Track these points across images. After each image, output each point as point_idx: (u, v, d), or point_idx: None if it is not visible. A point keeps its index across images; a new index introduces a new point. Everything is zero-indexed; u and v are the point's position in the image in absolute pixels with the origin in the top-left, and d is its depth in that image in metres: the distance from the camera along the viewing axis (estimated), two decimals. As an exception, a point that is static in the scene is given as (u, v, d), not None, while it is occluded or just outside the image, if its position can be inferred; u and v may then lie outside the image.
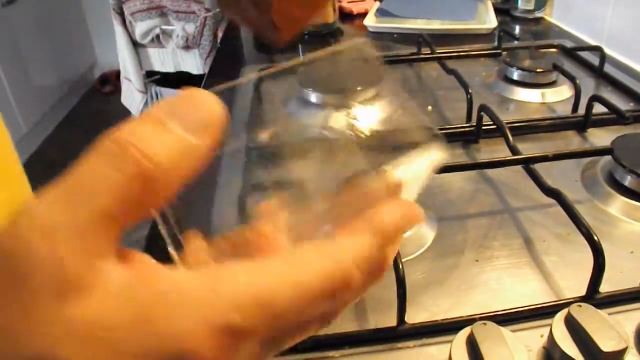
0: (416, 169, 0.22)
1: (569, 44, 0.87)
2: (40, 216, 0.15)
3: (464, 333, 0.34)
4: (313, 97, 0.71)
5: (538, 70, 0.74)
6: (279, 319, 0.17)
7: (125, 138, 0.16)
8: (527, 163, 0.51)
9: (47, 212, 0.15)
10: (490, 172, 0.56)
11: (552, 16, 1.08)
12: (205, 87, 0.19)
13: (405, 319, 0.37)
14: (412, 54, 0.86)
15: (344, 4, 1.16)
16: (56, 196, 0.15)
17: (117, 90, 2.03)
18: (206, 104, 0.18)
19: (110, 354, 0.15)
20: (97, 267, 0.15)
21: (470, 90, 0.65)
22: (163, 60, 1.64)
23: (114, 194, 0.15)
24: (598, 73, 0.77)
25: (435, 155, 0.23)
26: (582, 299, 0.38)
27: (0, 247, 0.15)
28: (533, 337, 0.36)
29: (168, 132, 0.17)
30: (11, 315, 0.15)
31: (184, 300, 0.16)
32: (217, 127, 0.18)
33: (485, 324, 0.33)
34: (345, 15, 1.15)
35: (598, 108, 0.62)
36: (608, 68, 0.77)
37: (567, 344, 0.32)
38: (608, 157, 0.53)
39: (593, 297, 0.38)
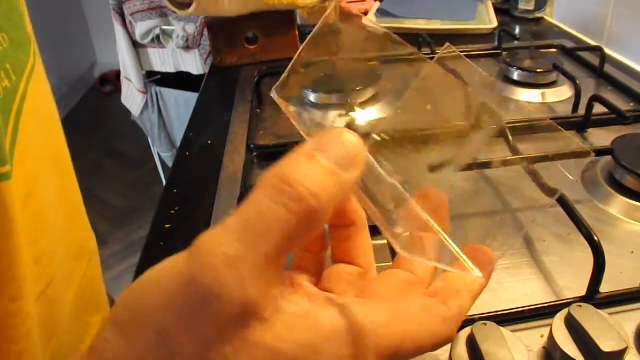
0: None
1: (569, 44, 0.87)
2: (222, 248, 0.17)
3: (464, 333, 0.34)
4: (313, 97, 0.71)
5: (538, 70, 0.74)
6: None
7: (290, 175, 0.17)
8: (527, 163, 0.51)
9: (228, 244, 0.17)
10: (490, 172, 0.56)
11: (552, 16, 1.08)
12: (205, 88, 0.19)
13: (405, 319, 0.37)
14: (412, 54, 0.86)
15: (344, 4, 1.16)
16: (234, 230, 0.17)
17: (117, 90, 2.03)
18: (349, 140, 0.19)
19: None
20: (274, 296, 0.18)
21: (469, 90, 0.65)
22: (163, 60, 1.64)
23: (284, 231, 0.17)
24: (598, 73, 0.77)
25: None
26: (582, 299, 0.38)
27: (187, 270, 0.17)
28: (533, 337, 0.36)
29: (323, 168, 0.18)
30: (198, 336, 0.17)
31: (342, 335, 0.19)
32: (361, 161, 0.19)
33: (485, 324, 0.33)
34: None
35: (598, 108, 0.62)
36: (608, 68, 0.77)
37: (567, 344, 0.32)
38: (608, 157, 0.53)
39: (593, 297, 0.38)
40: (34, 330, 0.30)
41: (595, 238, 0.38)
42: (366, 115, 0.70)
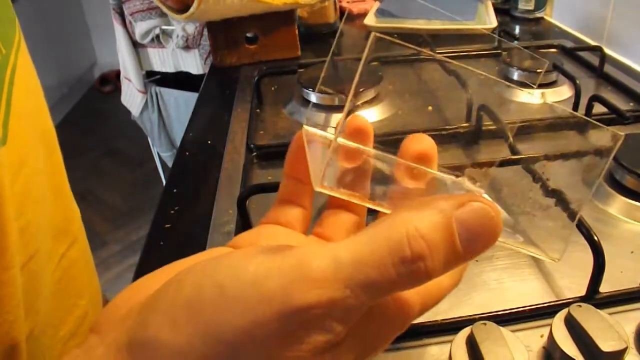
0: None
1: (569, 44, 0.87)
2: (327, 290, 0.17)
3: (464, 333, 0.34)
4: (313, 97, 0.71)
5: (538, 70, 0.74)
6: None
7: (420, 250, 0.17)
8: (527, 163, 0.51)
9: (335, 284, 0.17)
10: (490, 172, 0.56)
11: (552, 16, 1.08)
12: (205, 88, 0.19)
13: (405, 319, 0.37)
14: (412, 54, 0.86)
15: (344, 4, 1.16)
16: (345, 273, 0.17)
17: (117, 90, 2.03)
18: (494, 225, 0.19)
19: None
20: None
21: (470, 91, 0.65)
22: (163, 60, 1.64)
23: (389, 291, 0.18)
24: (598, 73, 0.77)
25: None
26: (582, 299, 0.38)
27: (281, 298, 0.17)
28: (533, 337, 0.36)
29: (455, 255, 0.18)
30: None
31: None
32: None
33: (485, 324, 0.33)
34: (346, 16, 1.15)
35: (598, 108, 0.62)
36: (608, 68, 0.77)
37: (567, 344, 0.32)
38: (608, 157, 0.53)
39: (593, 297, 0.38)
40: (21, 300, 0.30)
41: (595, 238, 0.38)
42: (368, 116, 0.70)
